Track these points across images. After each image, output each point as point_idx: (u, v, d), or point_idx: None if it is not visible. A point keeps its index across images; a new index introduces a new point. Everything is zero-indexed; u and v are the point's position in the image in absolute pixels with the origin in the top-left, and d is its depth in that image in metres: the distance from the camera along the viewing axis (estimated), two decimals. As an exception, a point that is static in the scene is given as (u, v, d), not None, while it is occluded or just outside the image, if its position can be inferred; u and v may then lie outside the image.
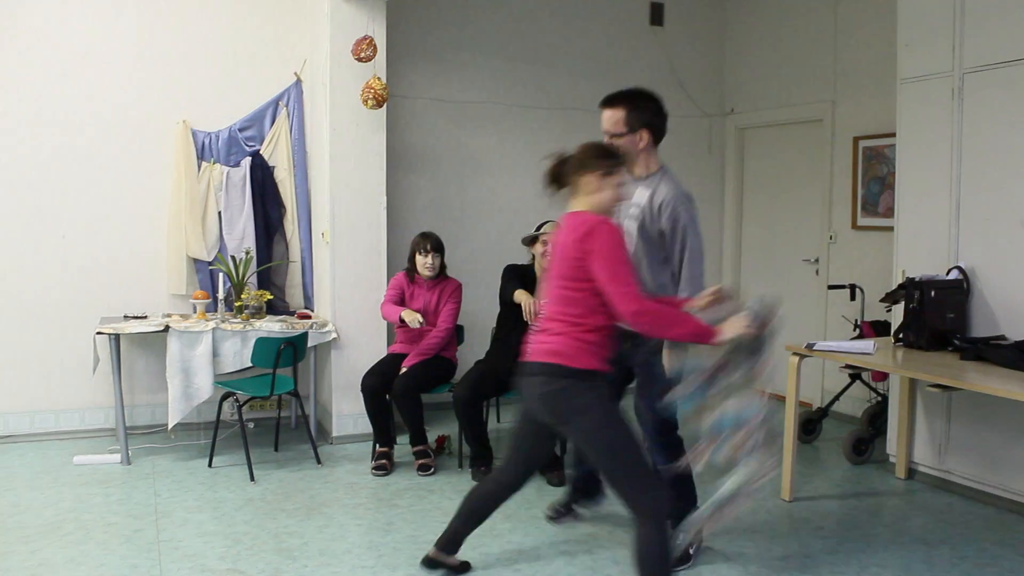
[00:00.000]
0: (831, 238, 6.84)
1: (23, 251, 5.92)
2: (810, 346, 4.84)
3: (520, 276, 5.37)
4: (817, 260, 7.01)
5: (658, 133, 3.95)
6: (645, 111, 3.93)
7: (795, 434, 4.90)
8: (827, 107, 6.86)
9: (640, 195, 3.89)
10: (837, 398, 6.08)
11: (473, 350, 5.92)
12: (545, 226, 5.38)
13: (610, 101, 3.95)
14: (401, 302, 5.53)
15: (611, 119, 3.90)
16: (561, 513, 4.46)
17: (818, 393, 6.80)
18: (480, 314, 6.09)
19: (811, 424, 6.12)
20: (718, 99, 7.99)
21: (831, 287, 6.45)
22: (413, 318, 5.33)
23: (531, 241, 5.39)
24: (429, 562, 3.82)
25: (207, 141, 6.24)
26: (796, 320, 7.12)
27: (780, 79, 7.37)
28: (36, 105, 5.87)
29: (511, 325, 5.32)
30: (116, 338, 5.54)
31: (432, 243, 5.52)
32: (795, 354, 4.87)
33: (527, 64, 7.22)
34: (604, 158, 3.45)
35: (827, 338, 6.40)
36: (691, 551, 4.03)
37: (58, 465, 5.46)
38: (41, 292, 5.95)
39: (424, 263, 5.48)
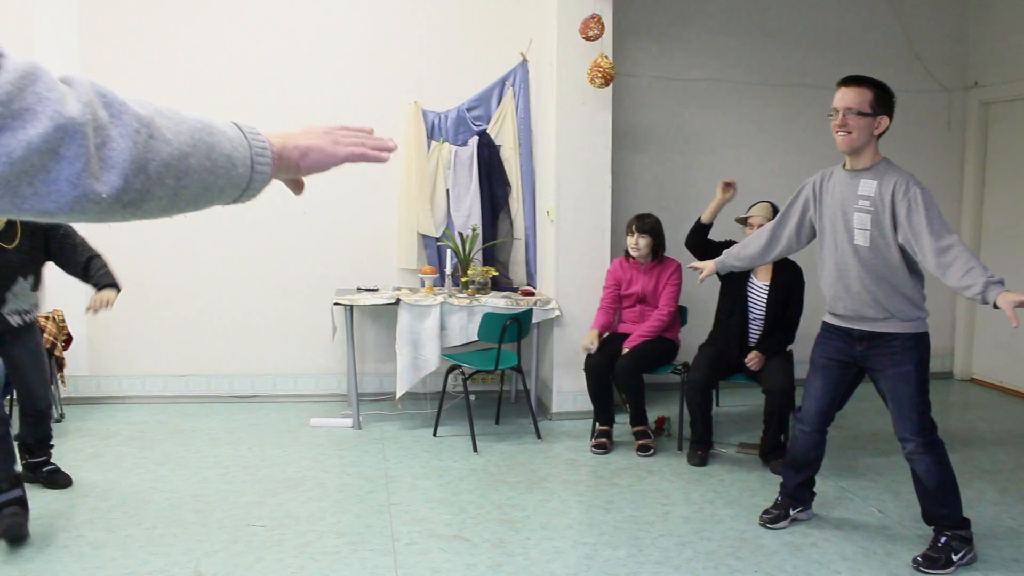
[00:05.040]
0: (1091, 224, 6.27)
1: (269, 228, 6.33)
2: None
3: None
4: (1073, 249, 6.44)
5: (888, 127, 3.83)
6: (890, 99, 3.83)
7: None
8: (1092, 81, 6.28)
9: (867, 187, 3.81)
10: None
11: (694, 332, 5.83)
12: (753, 208, 5.24)
13: (858, 81, 3.84)
14: (618, 292, 5.55)
15: (859, 97, 3.76)
16: (776, 517, 4.30)
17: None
18: (702, 295, 5.98)
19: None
20: (960, 71, 7.46)
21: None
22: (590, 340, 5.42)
23: (742, 222, 5.29)
24: None
25: (436, 121, 6.44)
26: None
27: (1035, 50, 6.80)
28: (280, 91, 6.24)
29: (732, 303, 5.23)
30: (350, 309, 5.83)
31: (638, 223, 5.46)
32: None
33: (752, 39, 7.00)
34: None
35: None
36: (954, 558, 3.80)
37: (297, 425, 5.83)
38: (284, 266, 6.36)
39: (631, 243, 5.45)
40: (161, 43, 6.17)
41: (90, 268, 4.34)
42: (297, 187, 1.30)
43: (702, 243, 5.24)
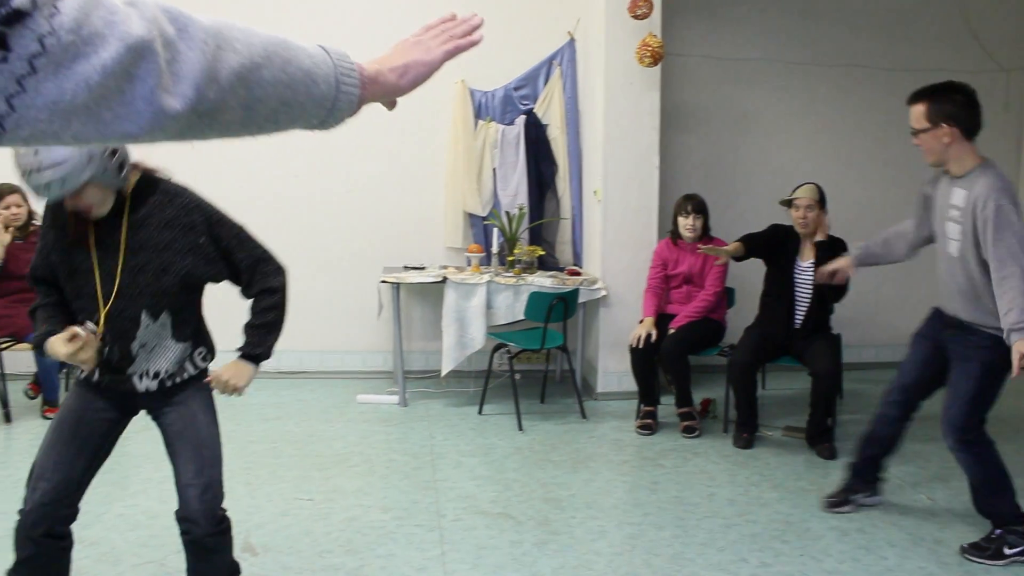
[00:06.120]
0: None
1: (316, 205, 6.39)
2: None
3: (781, 234, 5.25)
4: None
5: (967, 126, 3.65)
6: (947, 103, 3.64)
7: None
8: None
9: (957, 196, 3.66)
10: None
11: (742, 313, 5.79)
12: (798, 190, 5.17)
13: (911, 99, 3.75)
14: (665, 272, 5.52)
15: (913, 115, 3.71)
16: (839, 501, 4.25)
17: None
18: (750, 276, 5.93)
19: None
20: (1018, 50, 7.25)
21: None
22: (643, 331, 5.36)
23: (787, 204, 5.22)
24: None
25: (483, 100, 6.44)
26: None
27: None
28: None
29: (779, 286, 5.20)
30: (397, 287, 5.87)
31: (694, 204, 5.43)
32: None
33: (804, 19, 6.89)
34: None
35: None
36: (1007, 551, 3.76)
37: (343, 402, 5.90)
38: (332, 243, 6.42)
39: (685, 224, 5.41)
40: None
41: (253, 309, 2.86)
42: (391, 104, 1.30)
43: (751, 253, 5.27)
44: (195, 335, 2.79)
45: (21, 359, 5.67)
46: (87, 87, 0.84)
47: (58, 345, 2.47)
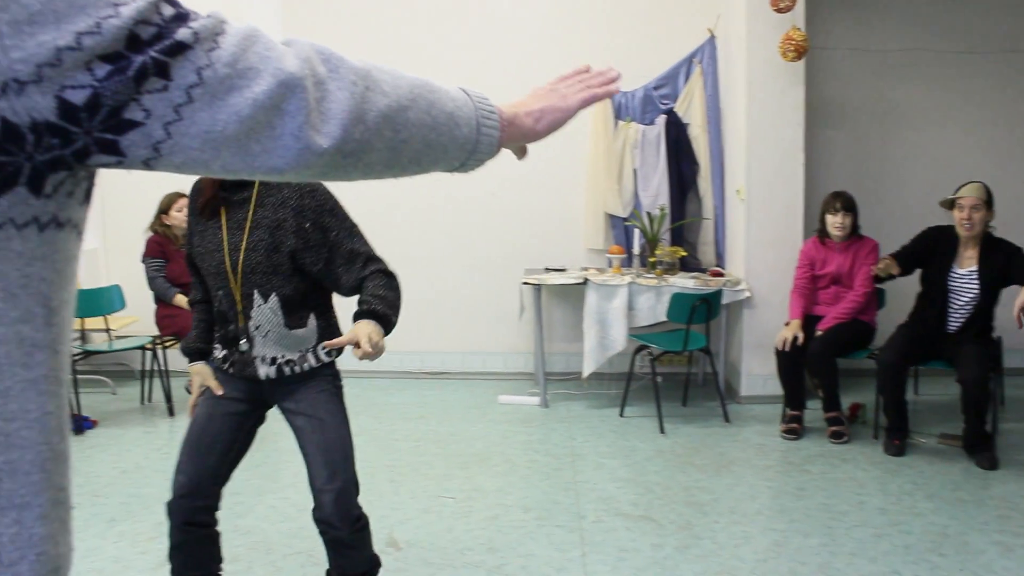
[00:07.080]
0: None
1: (460, 208, 6.50)
2: None
3: (934, 239, 5.05)
4: None
5: None
6: None
7: None
8: None
9: None
10: None
11: (892, 315, 5.56)
12: (963, 188, 4.91)
13: None
14: (812, 272, 5.36)
15: None
16: None
17: None
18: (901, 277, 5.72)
19: None
20: None
21: None
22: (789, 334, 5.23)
23: (949, 205, 4.96)
24: None
25: (623, 100, 6.41)
26: None
27: None
28: (471, 73, 6.35)
29: (933, 289, 4.98)
30: (538, 289, 5.92)
31: (842, 202, 5.26)
32: None
33: (957, 4, 6.53)
34: None
35: None
36: None
37: (484, 402, 5.98)
38: (474, 245, 6.53)
39: (834, 223, 5.25)
40: (358, 31, 6.42)
41: (367, 287, 2.56)
42: (521, 152, 1.32)
43: (907, 270, 5.17)
44: (320, 329, 2.70)
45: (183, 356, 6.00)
46: (238, 119, 0.89)
47: (195, 380, 2.82)
